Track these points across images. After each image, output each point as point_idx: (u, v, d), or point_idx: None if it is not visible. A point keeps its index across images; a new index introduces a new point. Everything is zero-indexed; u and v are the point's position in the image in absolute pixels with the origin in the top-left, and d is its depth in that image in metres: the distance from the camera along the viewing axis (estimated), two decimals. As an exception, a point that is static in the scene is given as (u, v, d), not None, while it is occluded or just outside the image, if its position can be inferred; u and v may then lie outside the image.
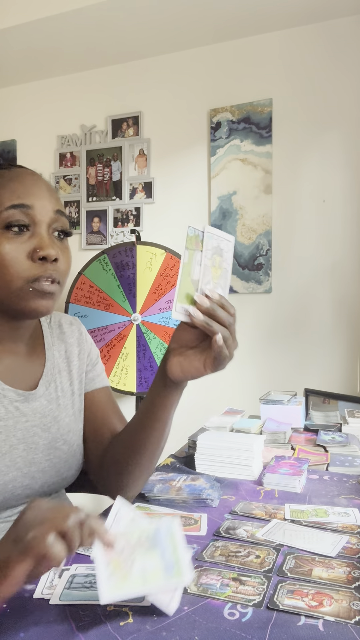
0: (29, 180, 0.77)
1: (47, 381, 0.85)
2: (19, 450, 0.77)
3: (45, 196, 0.76)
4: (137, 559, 0.55)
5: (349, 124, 2.32)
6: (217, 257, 0.69)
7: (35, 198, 0.75)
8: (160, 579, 0.54)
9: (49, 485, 0.81)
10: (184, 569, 0.55)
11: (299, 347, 2.39)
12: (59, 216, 0.77)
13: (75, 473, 0.88)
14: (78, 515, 0.52)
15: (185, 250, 0.66)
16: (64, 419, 0.85)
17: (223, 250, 0.70)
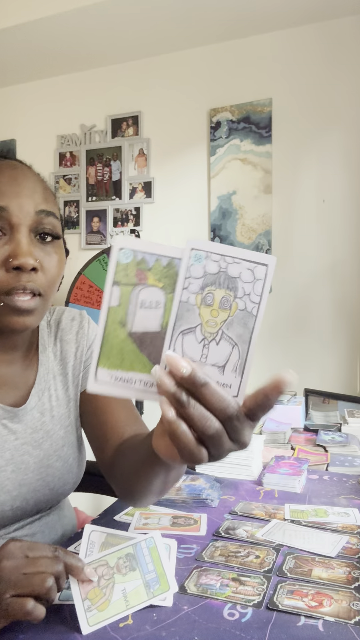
0: (8, 174, 0.67)
1: (39, 390, 0.77)
2: (7, 472, 0.71)
3: (26, 194, 0.66)
4: (117, 582, 0.56)
5: (349, 123, 2.32)
6: (221, 290, 0.42)
7: (11, 197, 0.65)
8: (143, 597, 0.55)
9: (43, 503, 0.77)
10: (171, 580, 0.57)
11: (298, 347, 2.39)
12: (43, 217, 0.67)
13: (73, 486, 0.82)
14: (55, 567, 0.52)
15: (113, 287, 0.41)
16: (57, 432, 0.78)
17: (239, 278, 0.42)
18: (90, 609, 0.54)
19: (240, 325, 0.42)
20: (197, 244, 0.41)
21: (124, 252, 0.41)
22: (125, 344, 0.42)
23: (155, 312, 0.42)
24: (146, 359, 0.42)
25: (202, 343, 0.42)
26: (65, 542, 0.75)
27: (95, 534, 0.60)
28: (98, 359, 0.42)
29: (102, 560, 0.57)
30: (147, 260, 0.41)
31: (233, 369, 0.42)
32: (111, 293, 0.41)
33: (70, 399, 0.82)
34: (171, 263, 0.41)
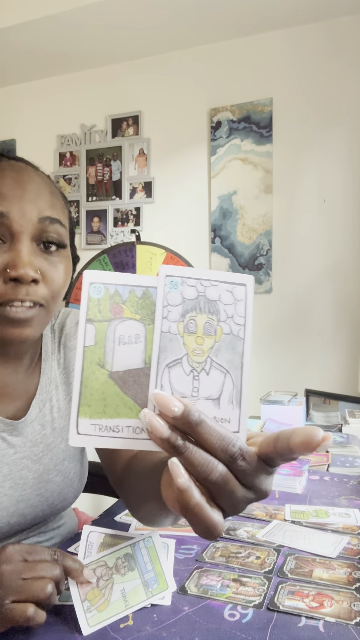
0: (12, 177, 0.62)
1: (41, 401, 0.74)
2: (5, 488, 0.68)
3: (29, 199, 0.61)
4: (116, 582, 0.56)
5: (350, 123, 2.31)
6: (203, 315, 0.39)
7: (13, 202, 0.60)
8: (142, 597, 0.56)
9: (41, 518, 0.75)
10: (169, 579, 0.57)
11: (299, 348, 2.39)
12: (47, 224, 0.63)
13: (72, 501, 0.80)
14: (55, 572, 0.51)
15: (87, 325, 0.38)
16: (58, 445, 0.75)
17: (219, 301, 0.39)
18: (89, 609, 0.53)
19: (228, 351, 0.38)
20: (171, 270, 0.38)
21: (94, 287, 0.38)
22: (107, 387, 0.37)
23: (135, 347, 0.38)
24: (131, 401, 0.37)
25: (191, 375, 0.38)
26: (64, 543, 0.75)
27: (94, 535, 0.60)
28: (78, 409, 0.37)
29: (101, 561, 0.57)
30: (121, 292, 0.38)
31: (229, 400, 0.38)
32: (85, 332, 0.37)
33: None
34: (146, 293, 0.38)
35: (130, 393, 0.38)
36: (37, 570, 0.51)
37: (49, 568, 0.51)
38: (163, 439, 0.35)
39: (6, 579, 0.50)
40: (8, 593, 0.49)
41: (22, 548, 0.53)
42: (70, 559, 0.54)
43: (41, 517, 0.75)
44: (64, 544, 0.75)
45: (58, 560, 0.53)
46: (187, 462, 0.36)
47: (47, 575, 0.51)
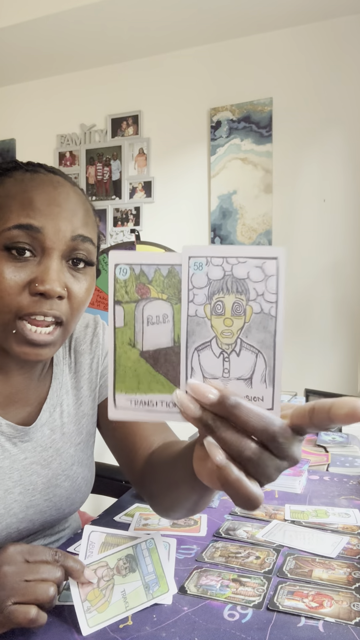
0: (48, 193, 0.62)
1: (51, 405, 0.74)
2: (15, 495, 0.68)
3: (64, 217, 0.61)
4: (117, 583, 0.56)
5: (350, 123, 2.31)
6: (230, 296, 0.38)
7: (49, 218, 0.60)
8: (142, 599, 0.56)
9: (49, 523, 0.75)
10: (170, 582, 0.57)
11: (299, 347, 2.39)
12: (79, 242, 0.63)
13: (79, 506, 0.80)
14: (56, 573, 0.51)
15: (115, 307, 0.38)
16: (67, 450, 0.75)
17: (248, 279, 0.38)
18: (89, 610, 0.53)
19: (259, 330, 0.38)
20: (194, 250, 0.37)
21: (120, 268, 0.38)
22: (139, 365, 0.39)
23: (164, 326, 0.38)
24: (163, 377, 0.38)
25: (221, 357, 0.38)
26: (66, 543, 0.75)
27: (95, 535, 0.60)
28: (114, 385, 0.39)
29: (102, 561, 0.57)
30: (146, 272, 0.38)
31: (262, 380, 0.38)
32: (114, 314, 0.38)
33: (83, 415, 0.78)
34: (172, 271, 0.38)
35: (162, 370, 0.38)
36: (40, 572, 0.51)
37: (51, 570, 0.51)
38: (196, 418, 0.37)
39: (8, 581, 0.50)
40: (10, 594, 0.49)
41: (23, 548, 0.53)
42: (71, 559, 0.54)
43: (49, 522, 0.75)
44: (65, 543, 0.75)
45: (59, 561, 0.53)
46: (220, 441, 0.37)
47: (50, 578, 0.51)
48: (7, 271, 0.59)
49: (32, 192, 0.61)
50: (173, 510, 0.62)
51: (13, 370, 0.70)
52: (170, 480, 0.58)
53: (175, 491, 0.57)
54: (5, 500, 0.67)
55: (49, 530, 0.79)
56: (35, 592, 0.49)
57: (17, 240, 0.59)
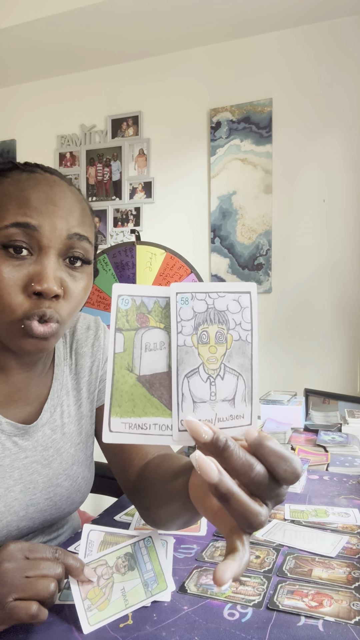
0: (45, 192, 0.62)
1: (52, 405, 0.74)
2: (16, 493, 0.68)
3: (61, 215, 0.62)
4: (116, 581, 0.56)
5: (349, 123, 2.32)
6: (214, 326, 0.42)
7: (45, 217, 0.61)
8: (142, 596, 0.56)
9: (49, 522, 0.76)
10: (169, 579, 0.57)
11: (299, 347, 2.39)
12: (76, 241, 0.63)
13: (79, 505, 0.80)
14: (57, 570, 0.51)
15: (116, 333, 0.41)
16: (68, 450, 0.76)
17: (227, 311, 0.42)
18: (90, 608, 0.54)
19: (239, 355, 0.42)
20: (181, 287, 0.41)
21: (122, 299, 0.41)
22: (135, 389, 0.41)
23: (160, 353, 0.41)
24: (158, 401, 0.41)
25: (208, 382, 0.41)
26: (65, 543, 0.75)
27: (94, 533, 0.60)
28: (110, 408, 0.41)
29: (102, 559, 0.57)
30: (146, 303, 0.41)
31: (242, 399, 0.42)
32: (115, 340, 0.41)
33: (82, 416, 0.79)
34: (169, 304, 0.41)
35: (157, 394, 0.41)
36: (40, 569, 0.51)
37: (51, 566, 0.51)
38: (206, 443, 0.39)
39: (9, 577, 0.50)
40: (11, 591, 0.49)
41: (24, 546, 0.53)
42: (71, 557, 0.54)
43: (49, 521, 0.75)
44: (65, 543, 0.75)
45: (59, 559, 0.53)
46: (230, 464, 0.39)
47: (50, 574, 0.51)
48: (5, 270, 0.60)
49: (29, 191, 0.62)
50: (163, 523, 0.62)
51: (13, 369, 0.70)
52: (164, 496, 0.59)
53: (168, 507, 0.58)
54: (6, 498, 0.67)
55: (48, 529, 0.79)
56: (36, 588, 0.49)
57: (14, 238, 0.60)
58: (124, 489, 0.76)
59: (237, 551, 0.39)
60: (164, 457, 0.69)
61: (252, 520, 0.39)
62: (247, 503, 0.38)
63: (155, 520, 0.65)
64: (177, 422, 0.41)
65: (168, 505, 0.58)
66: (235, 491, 0.38)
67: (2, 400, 0.70)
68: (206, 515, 0.46)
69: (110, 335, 0.41)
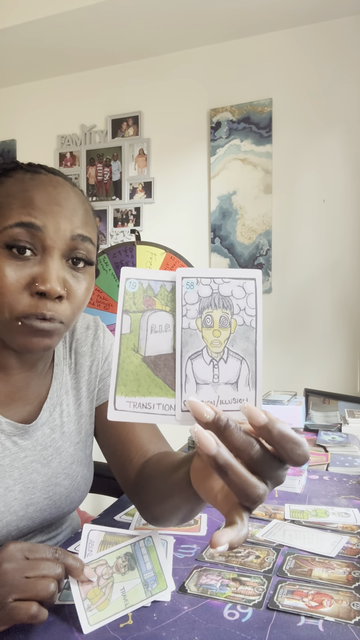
0: (49, 193, 0.62)
1: (51, 405, 0.75)
2: (15, 492, 0.68)
3: (65, 216, 0.62)
4: (116, 581, 0.56)
5: (349, 123, 2.32)
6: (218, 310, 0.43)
7: (50, 217, 0.61)
8: (141, 596, 0.56)
9: (49, 521, 0.76)
10: (168, 579, 0.57)
11: (298, 347, 2.39)
12: (79, 242, 0.63)
13: (78, 504, 0.80)
14: (57, 570, 0.51)
15: (123, 315, 0.43)
16: (67, 449, 0.76)
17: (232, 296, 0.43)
18: (90, 608, 0.54)
19: (243, 340, 0.43)
20: (186, 272, 0.43)
21: (130, 282, 0.43)
22: (140, 369, 0.42)
23: (165, 335, 0.43)
24: (162, 381, 0.42)
25: (211, 364, 0.42)
26: (65, 543, 0.75)
27: (94, 533, 0.61)
28: (115, 387, 0.42)
29: (102, 559, 0.57)
30: (153, 287, 0.43)
31: (246, 383, 0.43)
32: (122, 321, 0.42)
33: (82, 415, 0.79)
34: (175, 288, 0.43)
35: (161, 375, 0.42)
36: (40, 569, 0.51)
37: (51, 566, 0.51)
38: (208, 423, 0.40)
39: (9, 577, 0.50)
40: (11, 591, 0.49)
41: (24, 546, 0.53)
42: (71, 557, 0.54)
43: (49, 520, 0.75)
44: (65, 543, 0.75)
45: (59, 559, 0.53)
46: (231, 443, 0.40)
47: (50, 574, 0.51)
48: (8, 269, 0.59)
49: (33, 192, 0.61)
50: (164, 519, 0.63)
51: (13, 369, 0.70)
52: (165, 490, 0.59)
53: (168, 501, 0.58)
54: (5, 497, 0.67)
55: (48, 528, 0.79)
56: (35, 588, 0.49)
57: (18, 238, 0.60)
58: (123, 487, 0.76)
59: (235, 524, 0.39)
60: (164, 454, 0.70)
61: (250, 492, 0.39)
62: (244, 475, 0.39)
63: (155, 516, 0.65)
64: (180, 402, 0.42)
65: (169, 499, 0.58)
66: (233, 463, 0.39)
67: (2, 399, 0.70)
68: (208, 498, 0.46)
69: (117, 316, 0.42)
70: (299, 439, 0.40)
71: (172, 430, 0.88)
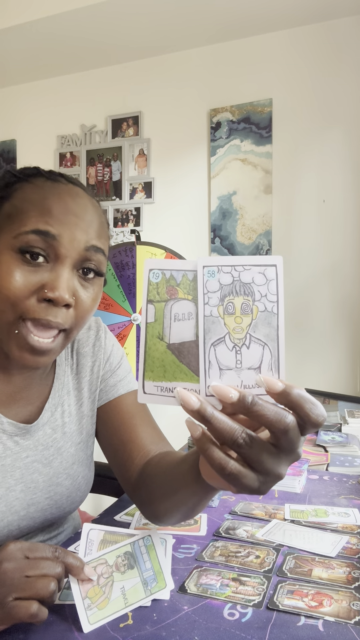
0: (67, 203, 0.63)
1: (53, 405, 0.75)
2: (17, 492, 0.69)
3: (80, 226, 0.63)
4: (116, 580, 0.56)
5: (349, 123, 2.32)
6: (239, 297, 0.44)
7: (66, 227, 0.61)
8: (141, 595, 0.56)
9: (50, 521, 0.76)
10: (168, 578, 0.57)
11: (299, 347, 2.39)
12: (92, 253, 0.64)
13: (79, 504, 0.81)
14: (57, 569, 0.52)
15: (148, 305, 0.45)
16: (68, 449, 0.76)
17: (253, 283, 0.44)
18: (90, 607, 0.54)
19: (265, 326, 0.44)
20: (207, 260, 0.44)
21: (153, 273, 0.44)
22: (166, 356, 0.44)
23: (188, 322, 0.44)
24: (186, 367, 0.44)
25: (233, 350, 0.43)
26: (66, 542, 0.75)
27: (94, 532, 0.61)
28: (143, 373, 0.44)
29: (102, 558, 0.57)
30: (175, 276, 0.44)
31: (269, 368, 0.44)
32: (147, 311, 0.44)
33: (83, 415, 0.79)
34: (197, 277, 0.44)
35: (185, 361, 0.44)
36: (40, 568, 0.51)
37: (51, 566, 0.52)
38: (194, 411, 0.41)
39: (9, 577, 0.50)
40: (11, 590, 0.49)
41: (24, 545, 0.53)
42: (71, 556, 0.54)
43: (50, 520, 0.75)
44: (65, 542, 0.75)
45: (59, 558, 0.53)
46: (215, 431, 0.41)
47: (50, 573, 0.51)
48: (18, 274, 0.60)
49: (52, 200, 0.62)
50: (167, 515, 0.63)
51: (15, 369, 0.70)
52: (170, 486, 0.60)
53: (173, 497, 0.59)
54: (7, 497, 0.68)
55: (49, 528, 0.79)
56: (36, 587, 0.50)
57: (33, 244, 0.60)
58: (124, 486, 0.76)
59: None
60: (166, 453, 0.70)
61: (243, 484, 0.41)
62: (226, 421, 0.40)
63: (158, 513, 0.65)
64: (204, 387, 0.43)
65: (174, 494, 0.59)
66: (216, 413, 0.41)
67: (4, 400, 0.70)
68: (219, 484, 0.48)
69: (142, 306, 0.44)
70: (315, 400, 0.41)
71: (172, 430, 0.88)
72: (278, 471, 0.42)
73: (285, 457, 0.42)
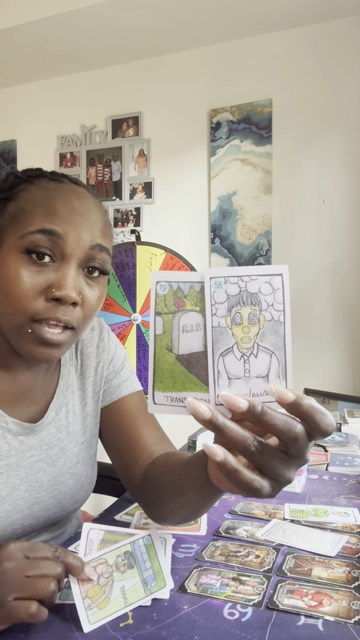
0: (72, 203, 0.64)
1: (57, 404, 0.76)
2: (21, 492, 0.69)
3: (85, 226, 0.64)
4: (116, 579, 0.56)
5: (349, 124, 2.32)
6: (246, 308, 0.44)
7: (72, 226, 0.63)
8: (141, 594, 0.56)
9: (53, 520, 0.76)
10: (167, 577, 0.58)
11: (298, 347, 2.39)
12: (97, 252, 0.65)
13: (82, 503, 0.81)
14: (57, 569, 0.52)
15: (156, 317, 0.45)
16: (72, 449, 0.77)
17: (260, 293, 0.44)
18: (90, 607, 0.54)
19: (272, 335, 0.44)
20: (214, 272, 0.44)
21: (160, 285, 0.45)
22: (175, 367, 0.45)
23: (196, 334, 0.45)
24: (195, 378, 0.45)
25: (242, 360, 0.44)
26: (66, 542, 0.75)
27: (94, 532, 0.61)
28: (153, 384, 0.45)
29: (102, 558, 0.57)
30: (182, 288, 0.45)
31: (276, 376, 0.44)
32: (155, 323, 0.45)
33: (87, 416, 0.80)
34: (204, 288, 0.44)
35: (194, 372, 0.45)
36: (40, 568, 0.51)
37: (51, 566, 0.52)
38: (205, 420, 0.41)
39: (9, 577, 0.50)
40: (11, 590, 0.50)
41: (24, 545, 0.53)
42: (71, 556, 0.54)
43: (53, 519, 0.76)
44: (65, 542, 0.75)
45: (59, 557, 0.53)
46: (227, 439, 0.41)
47: (50, 573, 0.51)
48: (25, 274, 0.61)
49: (57, 200, 0.63)
50: (172, 515, 0.65)
51: (19, 369, 0.71)
52: (177, 487, 0.61)
53: (180, 497, 0.60)
54: (12, 497, 0.68)
55: (52, 527, 0.79)
56: (35, 587, 0.50)
57: (39, 244, 0.61)
58: (128, 487, 0.77)
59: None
60: (170, 454, 0.71)
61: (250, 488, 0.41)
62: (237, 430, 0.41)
63: (164, 514, 0.66)
64: (214, 397, 0.43)
65: (181, 495, 0.59)
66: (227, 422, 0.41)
67: (9, 399, 0.70)
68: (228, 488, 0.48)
69: (150, 318, 0.44)
70: (325, 410, 0.42)
71: (172, 430, 0.88)
72: (288, 476, 0.43)
73: (295, 463, 0.43)
